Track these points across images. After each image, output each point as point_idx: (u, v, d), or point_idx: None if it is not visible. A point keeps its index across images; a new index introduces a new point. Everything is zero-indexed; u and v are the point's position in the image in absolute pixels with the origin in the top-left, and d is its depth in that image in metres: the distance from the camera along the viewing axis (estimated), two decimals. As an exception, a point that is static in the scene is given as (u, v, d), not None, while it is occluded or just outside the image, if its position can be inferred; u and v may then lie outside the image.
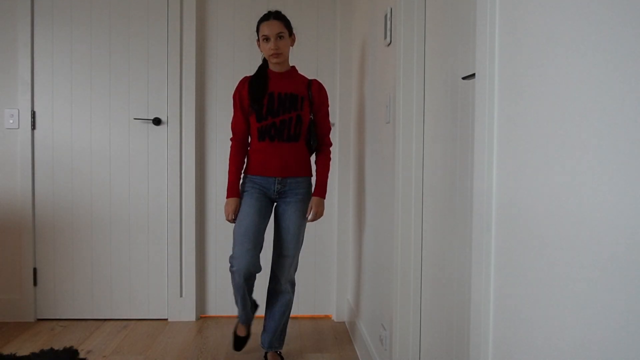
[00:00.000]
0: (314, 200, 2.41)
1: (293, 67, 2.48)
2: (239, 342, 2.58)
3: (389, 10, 2.03)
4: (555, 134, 0.79)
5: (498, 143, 0.99)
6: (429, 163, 1.74)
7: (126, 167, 3.11)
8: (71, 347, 1.62)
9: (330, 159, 2.50)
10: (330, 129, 2.51)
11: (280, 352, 2.56)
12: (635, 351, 0.62)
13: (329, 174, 2.44)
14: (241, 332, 2.58)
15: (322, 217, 2.97)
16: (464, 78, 1.33)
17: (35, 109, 3.07)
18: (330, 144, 2.52)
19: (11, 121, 3.03)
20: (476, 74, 1.06)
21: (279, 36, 2.33)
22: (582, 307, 0.72)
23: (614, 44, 0.66)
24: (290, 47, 2.43)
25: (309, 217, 2.40)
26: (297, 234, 2.39)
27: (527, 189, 0.87)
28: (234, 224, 2.37)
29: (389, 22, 2.04)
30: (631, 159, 0.62)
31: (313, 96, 2.42)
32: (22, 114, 3.04)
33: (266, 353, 2.54)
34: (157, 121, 3.09)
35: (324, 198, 2.43)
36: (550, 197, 0.80)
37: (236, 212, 2.36)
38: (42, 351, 1.58)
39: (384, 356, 2.08)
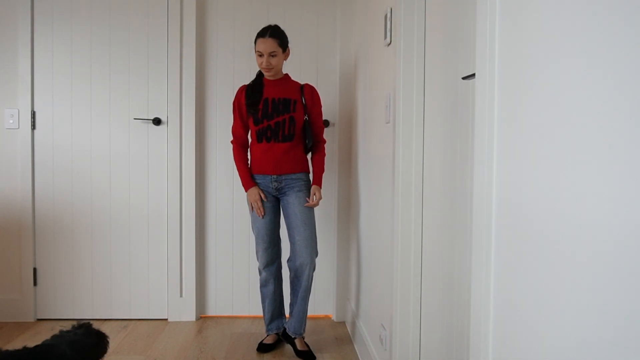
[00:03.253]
0: (314, 187, 2.62)
1: (286, 74, 2.68)
2: (263, 348, 2.70)
3: (389, 10, 2.03)
4: (556, 133, 0.79)
5: (498, 143, 0.99)
6: (429, 163, 1.73)
7: (126, 167, 3.11)
8: (85, 323, 1.70)
9: (324, 154, 2.72)
10: (323, 128, 2.71)
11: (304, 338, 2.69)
12: (636, 351, 0.62)
13: (324, 167, 2.77)
14: (268, 340, 2.73)
15: (321, 217, 3.21)
16: (464, 78, 1.33)
17: (35, 109, 3.07)
18: (324, 141, 2.72)
19: (11, 121, 3.03)
20: (476, 74, 1.06)
21: (271, 55, 2.52)
22: (583, 307, 0.72)
23: (614, 43, 0.66)
24: (285, 59, 2.61)
25: (312, 202, 2.58)
26: (304, 217, 2.56)
27: (528, 189, 0.87)
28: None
29: (389, 22, 2.04)
30: (632, 158, 0.62)
31: (306, 99, 2.62)
32: (22, 114, 3.04)
33: (293, 339, 2.64)
34: (157, 121, 3.09)
35: (321, 187, 2.66)
36: (551, 196, 0.80)
37: (262, 198, 2.59)
38: (60, 334, 1.65)
39: (384, 356, 2.08)
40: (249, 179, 2.60)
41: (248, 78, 3.14)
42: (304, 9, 3.18)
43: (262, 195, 2.57)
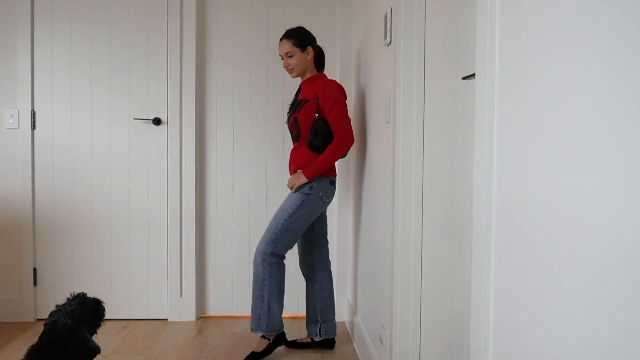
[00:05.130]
0: (297, 172, 2.54)
1: (316, 74, 2.64)
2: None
3: (389, 10, 2.03)
4: (556, 134, 0.79)
5: (498, 143, 0.99)
6: (429, 163, 1.73)
7: (126, 167, 3.11)
8: (80, 293, 1.78)
9: (335, 147, 2.47)
10: (339, 122, 2.47)
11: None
12: (637, 354, 0.62)
13: (326, 160, 2.47)
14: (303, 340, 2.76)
15: None
16: (464, 78, 1.32)
17: (35, 109, 3.07)
18: (342, 136, 2.47)
19: (11, 121, 3.03)
20: (476, 74, 1.06)
21: (288, 55, 2.59)
22: (583, 307, 0.72)
23: (614, 44, 0.65)
24: (307, 59, 2.60)
25: (289, 184, 2.55)
26: (277, 214, 2.52)
27: (528, 189, 0.87)
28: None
29: (389, 22, 2.03)
30: (631, 158, 0.62)
31: (319, 95, 2.54)
32: (22, 114, 3.04)
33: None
34: (157, 121, 3.09)
35: (306, 175, 2.48)
36: (551, 197, 0.80)
37: None
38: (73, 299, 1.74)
39: (384, 356, 2.08)
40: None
41: (248, 78, 3.15)
42: (304, 9, 3.18)
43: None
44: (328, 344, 2.68)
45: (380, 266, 2.24)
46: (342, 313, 3.19)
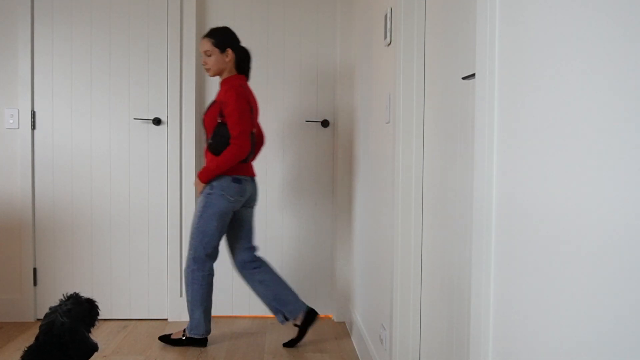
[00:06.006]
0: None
1: (230, 77, 2.63)
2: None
3: (389, 10, 2.03)
4: (556, 133, 0.79)
5: (498, 143, 0.99)
6: (429, 163, 1.74)
7: (126, 167, 3.11)
8: (73, 293, 1.79)
9: (228, 153, 2.49)
10: (233, 130, 2.49)
11: (179, 334, 2.71)
12: (636, 351, 0.62)
13: (219, 163, 2.51)
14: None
15: (321, 217, 3.20)
16: (464, 78, 1.33)
17: (35, 109, 3.07)
18: (234, 143, 2.49)
19: (11, 121, 3.03)
20: (476, 74, 1.06)
21: (207, 54, 2.60)
22: (583, 306, 0.72)
23: (614, 44, 0.66)
24: (226, 60, 2.60)
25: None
26: (193, 222, 2.61)
27: (527, 189, 0.87)
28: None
29: (389, 22, 2.04)
30: (631, 158, 0.62)
31: (222, 99, 2.54)
32: (22, 114, 3.04)
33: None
34: (157, 121, 3.09)
35: (199, 179, 2.57)
36: (551, 196, 0.80)
37: None
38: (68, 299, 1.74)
39: (383, 356, 2.08)
40: None
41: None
42: (304, 9, 3.18)
43: None
44: (310, 318, 2.67)
45: (380, 266, 2.24)
46: (342, 312, 3.19)
